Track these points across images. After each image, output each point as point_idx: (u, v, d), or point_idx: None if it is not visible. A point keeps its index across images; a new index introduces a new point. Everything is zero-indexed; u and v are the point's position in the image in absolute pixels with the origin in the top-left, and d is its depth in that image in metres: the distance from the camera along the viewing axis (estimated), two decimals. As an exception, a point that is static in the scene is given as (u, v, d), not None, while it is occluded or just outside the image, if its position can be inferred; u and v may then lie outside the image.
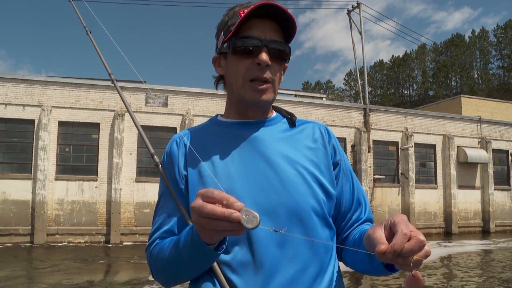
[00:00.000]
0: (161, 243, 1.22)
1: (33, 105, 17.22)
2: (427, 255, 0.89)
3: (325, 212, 1.24)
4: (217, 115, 1.41)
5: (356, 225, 1.33)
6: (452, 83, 71.73)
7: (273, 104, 1.38)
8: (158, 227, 1.27)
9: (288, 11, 1.21)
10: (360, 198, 1.36)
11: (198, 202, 0.93)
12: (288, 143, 1.29)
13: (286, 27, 1.26)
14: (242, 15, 1.21)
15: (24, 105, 17.15)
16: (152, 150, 1.40)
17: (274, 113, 1.39)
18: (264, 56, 1.21)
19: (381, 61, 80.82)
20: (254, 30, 1.23)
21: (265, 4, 1.19)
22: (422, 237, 0.88)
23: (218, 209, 0.89)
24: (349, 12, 25.64)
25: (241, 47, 1.23)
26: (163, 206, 1.29)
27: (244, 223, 0.88)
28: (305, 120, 1.40)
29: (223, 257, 1.15)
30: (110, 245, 16.86)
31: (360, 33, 24.42)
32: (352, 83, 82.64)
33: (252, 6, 1.19)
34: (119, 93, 1.64)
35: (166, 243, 1.19)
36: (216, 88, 1.42)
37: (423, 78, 72.40)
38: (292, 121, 1.36)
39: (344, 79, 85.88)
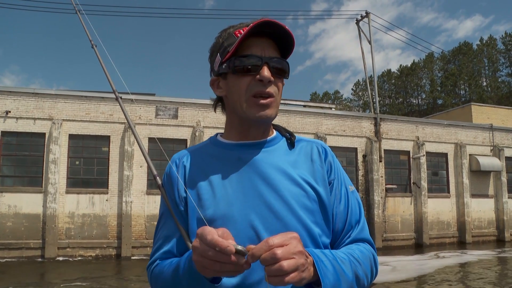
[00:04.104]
0: (161, 264, 1.26)
1: (44, 119, 17.27)
2: (278, 274, 0.93)
3: (323, 239, 1.25)
4: (217, 134, 1.41)
5: (343, 245, 1.31)
6: (461, 91, 71.32)
7: (273, 122, 1.39)
8: (159, 247, 1.30)
9: (286, 27, 1.23)
10: (352, 221, 1.32)
11: (197, 243, 1.00)
12: (287, 166, 1.28)
13: (283, 43, 1.27)
14: (239, 35, 1.24)
15: (35, 119, 17.20)
16: (155, 172, 1.38)
17: (274, 133, 1.39)
18: (266, 72, 1.22)
19: (389, 70, 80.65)
20: (253, 49, 1.24)
21: (262, 22, 1.20)
22: (279, 252, 0.93)
23: (222, 256, 0.95)
24: (357, 22, 25.62)
25: (241, 65, 1.24)
26: (163, 226, 1.32)
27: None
28: (304, 139, 1.40)
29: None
30: (121, 259, 16.77)
31: (370, 42, 24.36)
32: (360, 93, 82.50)
33: (252, 24, 1.20)
34: (122, 109, 1.62)
35: (166, 265, 1.22)
36: (215, 111, 1.43)
37: (431, 87, 72.03)
38: (291, 141, 1.35)
39: (352, 89, 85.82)
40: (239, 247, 0.96)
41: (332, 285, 1.06)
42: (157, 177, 1.35)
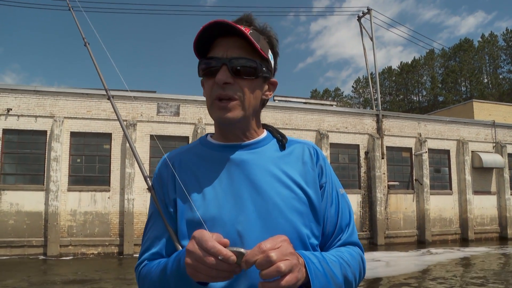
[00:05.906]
0: (149, 264, 1.24)
1: (45, 116, 17.22)
2: (276, 275, 0.93)
3: (312, 241, 1.23)
4: (207, 134, 1.39)
5: (333, 248, 1.30)
6: (462, 88, 71.22)
7: (264, 123, 1.39)
8: (147, 248, 1.28)
9: (238, 26, 1.19)
10: (343, 224, 1.32)
11: (195, 247, 0.98)
12: (277, 168, 1.26)
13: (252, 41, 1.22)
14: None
15: (36, 116, 17.15)
16: (146, 173, 1.37)
17: (265, 133, 1.36)
18: (219, 75, 1.19)
19: (390, 67, 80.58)
20: (217, 50, 1.23)
21: (210, 24, 1.18)
22: (273, 255, 0.93)
23: (223, 264, 0.95)
24: (359, 18, 25.52)
25: (205, 68, 1.25)
26: (152, 227, 1.30)
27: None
28: (296, 140, 1.37)
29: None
30: (123, 256, 16.75)
31: (371, 39, 24.27)
32: (360, 91, 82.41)
33: (199, 30, 1.19)
34: (114, 109, 1.58)
35: (154, 266, 1.21)
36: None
37: (432, 83, 71.91)
38: (282, 143, 1.33)
39: (353, 86, 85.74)
40: (237, 249, 0.95)
41: (322, 286, 1.07)
42: (148, 179, 1.34)
